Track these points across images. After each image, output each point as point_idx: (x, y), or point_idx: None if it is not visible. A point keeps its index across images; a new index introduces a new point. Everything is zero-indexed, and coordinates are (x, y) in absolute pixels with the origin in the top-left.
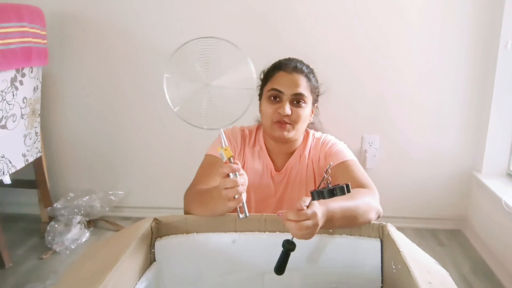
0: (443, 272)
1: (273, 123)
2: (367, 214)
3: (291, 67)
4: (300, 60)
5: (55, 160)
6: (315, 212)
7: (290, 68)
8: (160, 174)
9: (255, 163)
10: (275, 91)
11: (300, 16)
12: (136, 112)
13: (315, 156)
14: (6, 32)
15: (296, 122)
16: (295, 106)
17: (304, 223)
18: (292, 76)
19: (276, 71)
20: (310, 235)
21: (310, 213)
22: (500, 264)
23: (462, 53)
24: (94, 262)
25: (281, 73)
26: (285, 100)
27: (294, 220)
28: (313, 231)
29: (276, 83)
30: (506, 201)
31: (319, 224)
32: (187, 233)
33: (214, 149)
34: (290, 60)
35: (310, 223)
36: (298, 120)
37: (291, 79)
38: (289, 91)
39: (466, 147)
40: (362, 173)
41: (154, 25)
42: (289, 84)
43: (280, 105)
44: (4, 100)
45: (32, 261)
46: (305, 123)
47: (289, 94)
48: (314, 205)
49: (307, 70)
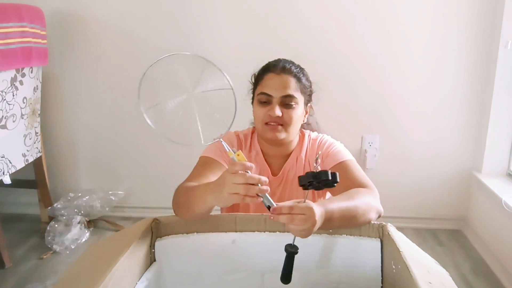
0: (443, 272)
1: (264, 126)
2: (367, 214)
3: (280, 68)
4: (290, 60)
5: (55, 160)
6: (310, 207)
7: (279, 70)
8: (160, 174)
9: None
10: (264, 95)
11: (301, 16)
12: (136, 112)
13: (311, 157)
14: (6, 32)
15: (288, 124)
16: (286, 107)
17: (297, 216)
18: (280, 77)
19: (265, 74)
20: (307, 232)
21: (303, 207)
22: (500, 264)
23: (462, 53)
24: (94, 262)
25: (269, 75)
26: (275, 103)
27: (287, 212)
28: (310, 228)
29: (265, 86)
30: (506, 201)
31: (317, 222)
32: (187, 233)
33: (210, 151)
34: (279, 61)
35: (304, 217)
36: (290, 121)
37: (280, 81)
38: (278, 94)
39: (466, 147)
40: (361, 173)
41: (154, 25)
42: (277, 86)
43: (270, 107)
44: (4, 100)
45: (32, 261)
46: (297, 124)
47: (278, 96)
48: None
49: (296, 70)
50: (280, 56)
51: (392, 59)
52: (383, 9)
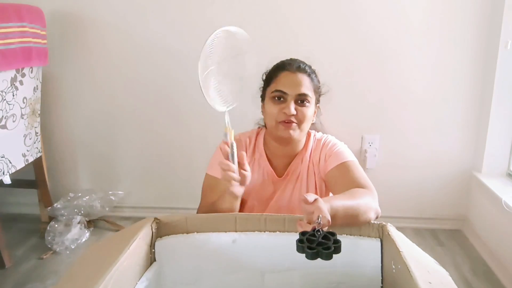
0: (443, 272)
1: (278, 123)
2: (367, 213)
3: (295, 67)
4: (303, 60)
5: (55, 160)
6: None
7: (294, 68)
8: (160, 174)
9: (255, 172)
10: (279, 92)
11: (302, 16)
12: (136, 112)
13: (315, 157)
14: (6, 32)
15: (302, 121)
16: (300, 105)
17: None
18: (296, 75)
19: (280, 72)
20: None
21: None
22: (500, 264)
23: (462, 53)
24: (94, 262)
25: (284, 73)
26: (290, 100)
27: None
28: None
29: (280, 84)
30: (506, 201)
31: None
32: (187, 233)
33: (212, 168)
34: (293, 61)
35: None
36: (304, 119)
37: (295, 79)
38: (293, 91)
39: (466, 147)
40: (362, 174)
41: (154, 25)
42: (293, 84)
43: (285, 105)
44: (4, 100)
45: (32, 261)
46: (309, 122)
47: (294, 94)
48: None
49: (309, 70)
50: (282, 56)
51: (392, 59)
52: (383, 9)
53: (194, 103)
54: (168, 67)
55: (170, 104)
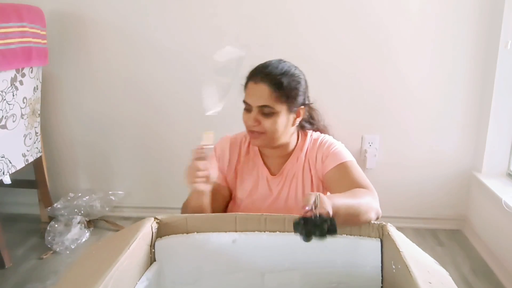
0: (443, 272)
1: (248, 131)
2: (368, 213)
3: (260, 77)
4: (278, 61)
5: (55, 160)
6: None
7: (258, 78)
8: (160, 174)
9: (250, 171)
10: (245, 103)
11: (301, 16)
12: (136, 112)
13: (311, 157)
14: (6, 32)
15: (266, 132)
16: (264, 116)
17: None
18: (258, 86)
19: (248, 81)
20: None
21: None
22: (500, 264)
23: (462, 53)
24: (94, 262)
25: (250, 84)
26: (253, 111)
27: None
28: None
29: (246, 95)
30: (506, 201)
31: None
32: (187, 233)
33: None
34: (263, 67)
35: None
36: (267, 130)
37: (257, 90)
38: (255, 103)
39: (466, 147)
40: (361, 174)
41: (154, 25)
42: (254, 96)
43: (250, 116)
44: (4, 100)
45: (32, 261)
46: (279, 131)
47: (255, 105)
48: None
49: (280, 75)
50: (282, 57)
51: (392, 59)
52: (383, 9)
53: (194, 103)
54: (168, 68)
55: (170, 104)
